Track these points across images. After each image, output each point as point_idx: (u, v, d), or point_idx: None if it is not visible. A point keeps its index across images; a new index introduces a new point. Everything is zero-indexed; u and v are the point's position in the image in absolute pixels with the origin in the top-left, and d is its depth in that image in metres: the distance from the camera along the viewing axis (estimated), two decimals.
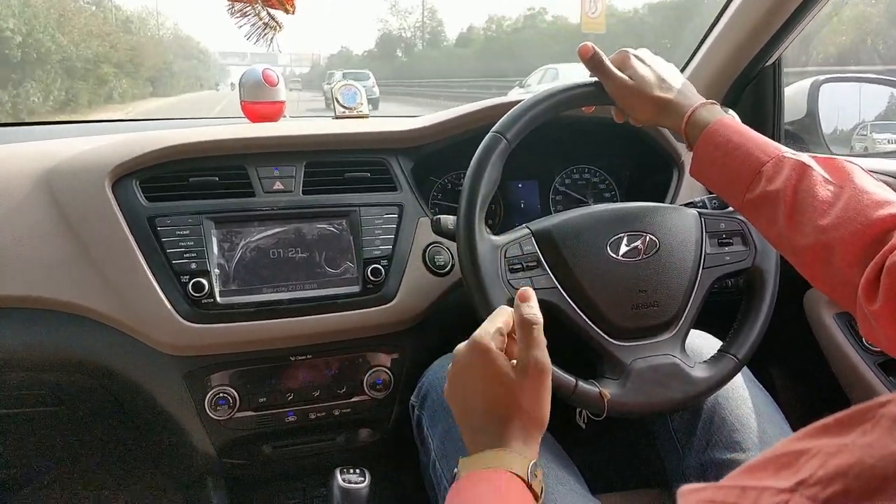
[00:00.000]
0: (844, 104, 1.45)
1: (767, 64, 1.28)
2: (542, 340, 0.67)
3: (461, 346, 0.68)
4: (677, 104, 0.78)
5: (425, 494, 0.93)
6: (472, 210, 0.83)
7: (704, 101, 0.78)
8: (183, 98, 37.05)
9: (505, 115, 0.85)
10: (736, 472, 0.41)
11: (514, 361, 0.66)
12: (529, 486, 0.60)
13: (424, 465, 0.93)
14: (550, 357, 0.82)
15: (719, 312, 0.98)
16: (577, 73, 0.91)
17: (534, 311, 0.68)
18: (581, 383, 0.82)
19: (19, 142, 1.16)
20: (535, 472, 0.62)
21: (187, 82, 49.60)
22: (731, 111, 0.94)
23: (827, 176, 0.66)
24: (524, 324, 0.67)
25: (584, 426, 0.94)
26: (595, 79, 0.85)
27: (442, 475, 0.85)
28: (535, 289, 0.84)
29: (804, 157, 0.68)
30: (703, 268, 0.90)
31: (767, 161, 0.69)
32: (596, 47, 0.84)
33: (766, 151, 0.70)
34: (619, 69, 0.83)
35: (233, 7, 0.91)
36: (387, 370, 1.09)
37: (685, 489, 0.41)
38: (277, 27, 0.93)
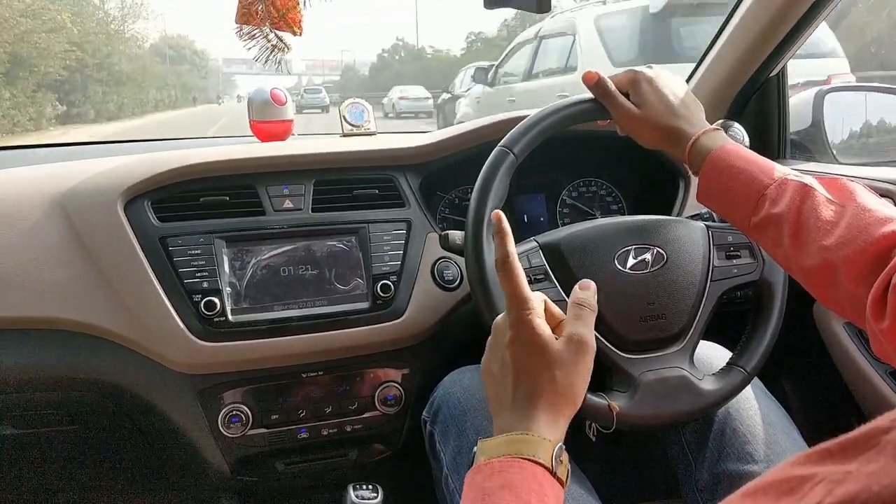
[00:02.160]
0: (849, 113, 1.45)
1: (772, 74, 1.28)
2: (592, 322, 0.64)
3: (500, 316, 0.65)
4: (681, 132, 0.79)
5: None
6: (480, 223, 0.83)
7: (707, 127, 0.79)
8: (145, 122, 22.24)
9: (512, 130, 0.86)
10: (735, 496, 0.40)
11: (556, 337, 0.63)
12: (554, 474, 0.57)
13: (437, 480, 0.93)
14: None
15: (730, 322, 0.98)
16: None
17: (590, 298, 0.66)
18: (590, 395, 0.82)
19: (30, 164, 1.18)
20: (560, 458, 0.58)
21: (162, 95, 32.35)
22: (736, 124, 0.95)
23: (829, 196, 0.67)
24: (576, 302, 0.65)
25: (594, 439, 0.94)
26: None
27: (454, 490, 0.85)
28: None
29: (807, 178, 0.69)
30: (710, 280, 0.90)
31: (770, 184, 0.70)
32: (600, 73, 0.85)
33: (769, 175, 0.71)
34: (626, 91, 0.84)
35: (241, 30, 0.93)
36: (397, 385, 1.09)
37: None
38: (285, 48, 0.94)
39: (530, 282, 0.85)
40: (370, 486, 0.97)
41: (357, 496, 0.94)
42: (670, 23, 4.72)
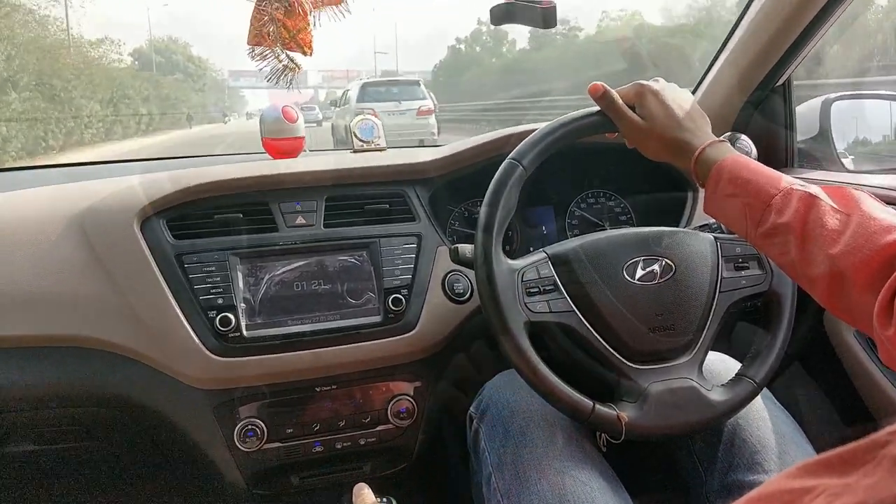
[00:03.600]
0: (856, 121, 1.46)
1: (778, 84, 1.29)
2: None
3: None
4: (687, 145, 0.80)
5: None
6: (490, 235, 0.84)
7: (713, 139, 0.80)
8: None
9: (521, 143, 0.87)
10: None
11: None
12: None
13: (476, 477, 0.94)
14: (568, 380, 0.83)
15: (739, 331, 0.98)
16: None
17: None
18: (598, 406, 0.82)
19: (42, 184, 1.20)
20: None
21: (119, 112, 21.30)
22: (743, 136, 0.96)
23: (834, 205, 0.67)
24: None
25: (604, 449, 0.94)
26: None
27: (496, 489, 0.86)
28: (551, 312, 0.85)
29: (812, 188, 0.70)
30: (719, 292, 0.90)
31: (776, 194, 0.70)
32: (606, 86, 0.85)
33: (775, 185, 0.71)
34: (632, 104, 0.84)
35: (253, 51, 0.95)
36: (410, 399, 1.10)
37: None
38: (296, 69, 0.96)
39: (539, 292, 0.86)
40: (385, 500, 0.98)
41: None
42: (368, 89, 13.20)
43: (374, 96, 13.05)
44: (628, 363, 0.86)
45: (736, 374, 0.90)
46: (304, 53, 0.97)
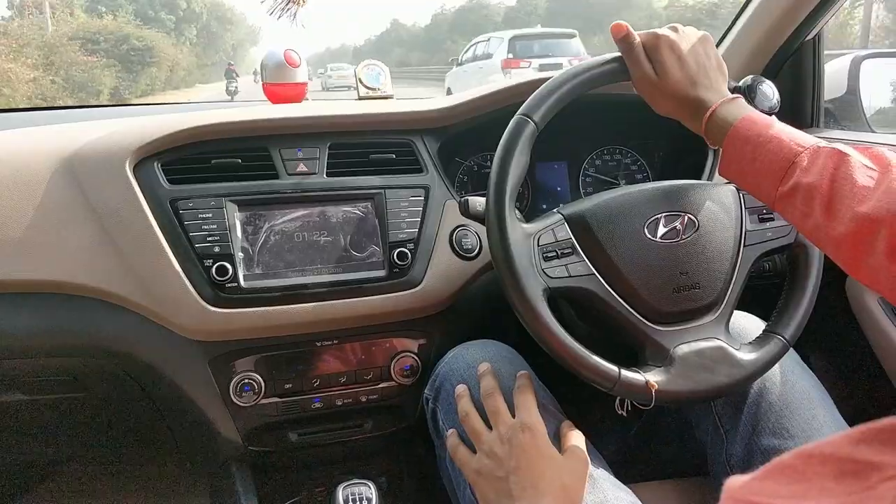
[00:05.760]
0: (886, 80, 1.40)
1: (808, 38, 1.23)
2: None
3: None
4: (699, 104, 0.76)
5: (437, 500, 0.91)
6: (502, 198, 0.79)
7: (726, 97, 0.75)
8: None
9: (530, 97, 0.82)
10: (789, 455, 0.37)
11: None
12: None
13: (441, 459, 0.91)
14: (590, 346, 0.79)
15: (760, 297, 0.94)
16: None
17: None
18: (624, 372, 0.78)
19: (35, 126, 1.14)
20: None
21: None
22: (767, 81, 0.90)
23: (867, 162, 0.63)
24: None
25: (625, 414, 0.90)
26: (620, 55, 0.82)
27: (460, 470, 0.83)
28: (570, 276, 0.81)
29: (840, 145, 0.66)
30: (744, 245, 0.86)
31: (801, 151, 0.66)
32: (630, 28, 0.80)
33: (800, 142, 0.67)
34: (649, 53, 0.79)
35: None
36: (414, 356, 1.06)
37: (733, 482, 0.39)
38: (301, 1, 0.89)
39: (556, 257, 0.81)
40: (367, 485, 0.97)
41: (351, 493, 0.93)
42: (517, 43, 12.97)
43: (524, 51, 13.24)
44: (653, 325, 0.82)
45: (763, 331, 0.86)
46: None
